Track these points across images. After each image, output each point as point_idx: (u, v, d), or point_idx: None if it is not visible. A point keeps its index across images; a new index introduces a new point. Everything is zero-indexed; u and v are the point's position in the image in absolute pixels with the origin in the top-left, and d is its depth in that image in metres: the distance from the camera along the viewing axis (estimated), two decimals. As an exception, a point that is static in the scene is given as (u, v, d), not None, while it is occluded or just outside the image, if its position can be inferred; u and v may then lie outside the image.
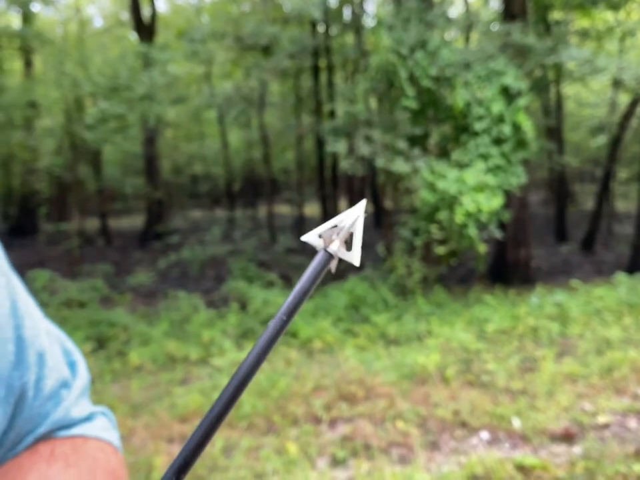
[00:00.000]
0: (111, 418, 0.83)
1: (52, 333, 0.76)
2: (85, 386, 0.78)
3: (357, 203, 0.52)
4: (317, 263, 0.51)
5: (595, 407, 4.56)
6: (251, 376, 0.49)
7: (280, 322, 0.49)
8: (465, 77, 8.11)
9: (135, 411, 4.82)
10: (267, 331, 0.49)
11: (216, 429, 0.48)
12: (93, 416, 0.78)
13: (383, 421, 4.44)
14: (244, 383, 0.49)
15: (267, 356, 0.49)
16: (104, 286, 8.33)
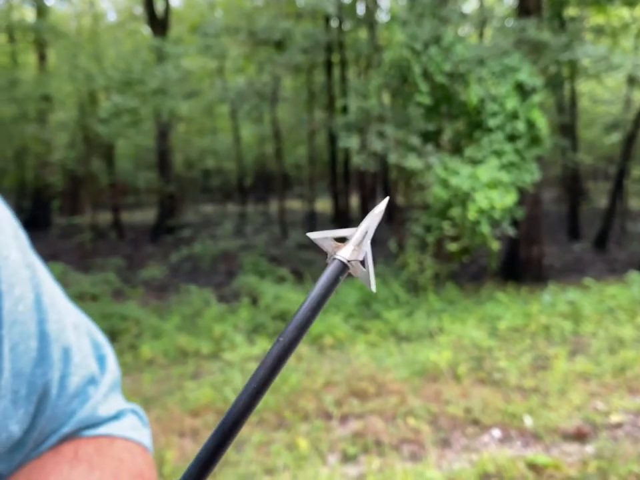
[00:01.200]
0: (142, 416, 0.79)
1: (81, 325, 0.72)
2: (114, 381, 0.75)
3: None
4: (329, 277, 0.44)
5: (607, 406, 4.53)
6: (251, 409, 0.42)
7: (280, 347, 0.42)
8: (479, 73, 8.05)
9: (146, 405, 4.83)
10: (265, 361, 0.42)
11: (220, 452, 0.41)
12: (121, 414, 0.75)
13: (394, 417, 4.43)
14: (241, 417, 0.41)
15: (268, 388, 0.42)
16: (116, 279, 8.37)
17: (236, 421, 0.41)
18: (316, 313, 0.44)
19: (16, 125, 12.77)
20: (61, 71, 12.79)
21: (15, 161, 16.30)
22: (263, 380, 0.42)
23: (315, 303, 0.44)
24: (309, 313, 0.43)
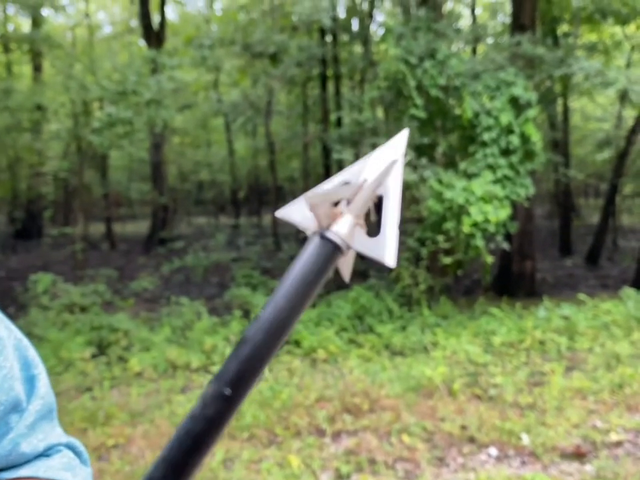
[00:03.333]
0: (81, 452, 0.66)
1: (6, 338, 0.60)
2: (46, 408, 0.62)
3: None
4: (307, 262, 0.33)
5: (606, 424, 4.46)
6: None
7: (217, 398, 0.36)
8: (474, 87, 8.04)
9: (133, 419, 4.74)
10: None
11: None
12: (53, 450, 0.62)
13: (388, 434, 4.34)
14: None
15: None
16: (107, 290, 8.26)
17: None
18: (295, 312, 0.35)
19: (9, 135, 12.68)
20: (55, 81, 12.74)
21: (7, 170, 16.18)
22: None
23: (295, 297, 0.33)
24: (285, 311, 0.34)
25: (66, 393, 5.26)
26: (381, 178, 0.35)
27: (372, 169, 0.35)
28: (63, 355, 6.10)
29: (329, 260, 0.33)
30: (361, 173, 0.35)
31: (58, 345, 6.37)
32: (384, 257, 0.35)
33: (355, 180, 0.34)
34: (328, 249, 0.33)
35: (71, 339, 6.54)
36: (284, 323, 0.33)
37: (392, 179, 0.35)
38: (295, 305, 0.33)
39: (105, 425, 4.55)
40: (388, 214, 0.35)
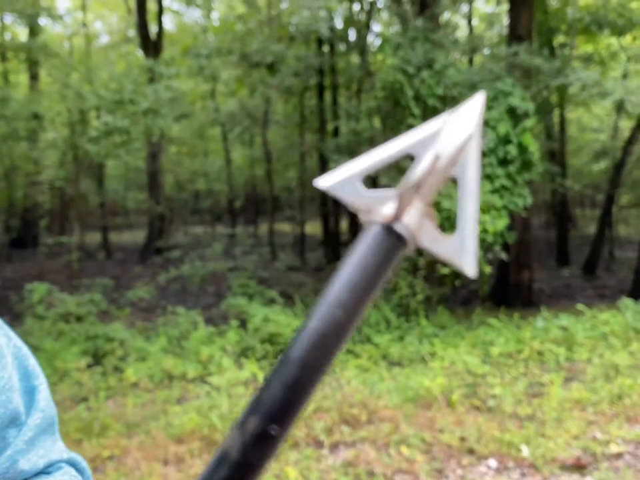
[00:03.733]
0: (83, 468, 0.64)
1: (4, 346, 0.56)
2: (47, 421, 0.58)
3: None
4: (366, 259, 0.27)
5: (606, 435, 4.42)
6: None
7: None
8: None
9: (129, 430, 4.69)
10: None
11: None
12: (54, 466, 0.58)
13: (386, 446, 4.30)
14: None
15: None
16: (102, 300, 8.21)
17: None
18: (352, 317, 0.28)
19: (5, 144, 12.65)
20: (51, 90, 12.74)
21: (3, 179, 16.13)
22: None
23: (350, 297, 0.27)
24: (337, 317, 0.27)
25: (61, 403, 5.21)
26: (456, 155, 0.28)
27: (444, 142, 0.29)
28: (58, 364, 6.06)
29: (394, 258, 0.27)
30: (429, 147, 0.28)
31: (53, 354, 6.33)
32: (462, 263, 0.29)
33: (423, 155, 0.27)
34: (393, 243, 0.27)
35: (66, 349, 6.50)
36: (337, 335, 0.27)
37: (469, 157, 0.28)
38: (351, 311, 0.27)
39: (100, 436, 4.50)
40: (467, 204, 0.28)
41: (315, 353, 0.28)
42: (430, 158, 0.28)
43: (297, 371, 0.28)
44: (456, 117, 0.29)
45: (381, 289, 0.29)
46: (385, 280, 0.29)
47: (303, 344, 0.29)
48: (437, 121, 0.31)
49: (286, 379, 0.28)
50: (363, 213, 0.29)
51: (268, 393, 0.29)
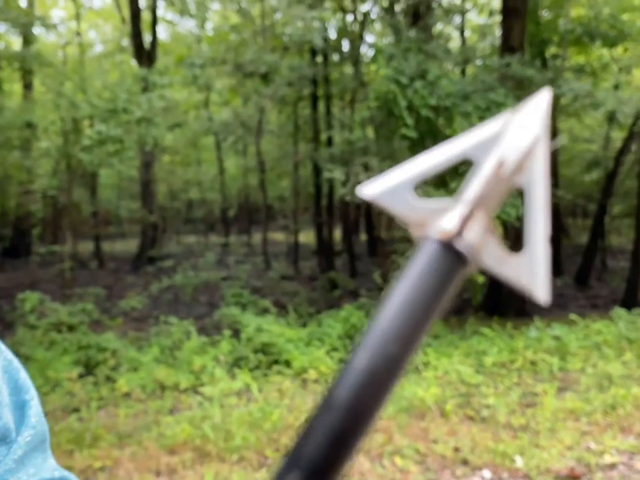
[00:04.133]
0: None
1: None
2: (38, 438, 0.56)
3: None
4: (423, 282, 0.24)
5: (600, 445, 4.41)
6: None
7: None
8: (464, 108, 8.10)
9: (121, 441, 4.65)
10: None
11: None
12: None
13: (380, 456, 4.28)
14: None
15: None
16: (95, 309, 8.18)
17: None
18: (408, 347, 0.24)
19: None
20: (45, 99, 12.72)
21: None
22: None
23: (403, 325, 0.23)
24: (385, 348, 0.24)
25: (52, 413, 5.18)
26: (522, 161, 0.24)
27: (508, 146, 0.25)
28: (50, 374, 6.03)
29: (455, 280, 0.23)
30: (490, 150, 0.25)
31: (45, 364, 6.29)
32: (534, 285, 0.24)
33: (483, 160, 0.24)
34: (453, 263, 0.23)
35: (58, 359, 6.47)
36: (390, 374, 0.23)
37: (537, 163, 0.25)
38: (406, 344, 0.23)
39: (91, 447, 4.46)
40: (536, 218, 0.24)
41: (365, 396, 0.24)
42: (492, 164, 0.25)
43: (343, 419, 0.24)
44: (520, 117, 0.26)
45: (439, 315, 0.25)
46: (444, 306, 0.25)
47: (349, 385, 0.24)
48: (499, 121, 0.27)
49: (330, 427, 0.24)
50: (415, 226, 0.25)
51: (309, 445, 0.24)
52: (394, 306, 0.25)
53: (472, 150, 0.26)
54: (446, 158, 0.27)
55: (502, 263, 0.25)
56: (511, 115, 0.27)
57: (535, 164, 0.25)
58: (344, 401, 0.24)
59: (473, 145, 0.26)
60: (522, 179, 0.26)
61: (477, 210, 0.24)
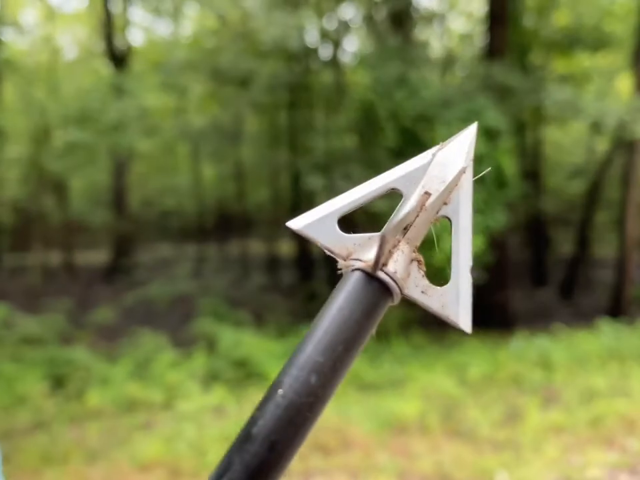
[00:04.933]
0: None
1: None
2: None
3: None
4: (349, 312, 0.25)
5: (583, 459, 4.37)
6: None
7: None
8: (445, 116, 8.06)
9: (91, 458, 4.55)
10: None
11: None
12: None
13: (360, 473, 4.19)
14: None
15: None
16: (64, 322, 8.00)
17: None
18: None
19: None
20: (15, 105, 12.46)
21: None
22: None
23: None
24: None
25: (20, 429, 5.08)
26: (447, 193, 0.25)
27: (434, 178, 0.25)
28: (18, 389, 5.96)
29: (379, 310, 0.25)
30: (417, 183, 0.25)
31: (12, 378, 6.20)
32: (457, 316, 0.25)
33: (410, 192, 0.25)
34: (377, 294, 0.25)
35: (26, 373, 6.41)
36: (312, 407, 0.22)
37: (462, 194, 0.25)
38: (328, 378, 0.23)
39: (61, 464, 4.39)
40: (459, 248, 0.26)
41: (285, 429, 0.22)
42: (418, 195, 0.26)
43: (262, 451, 0.23)
44: (446, 151, 0.27)
45: (363, 347, 0.27)
46: (367, 337, 0.27)
47: (269, 417, 0.23)
48: (426, 153, 0.28)
49: (249, 459, 0.22)
50: (341, 257, 0.26)
51: (228, 476, 0.23)
52: (317, 336, 0.26)
53: (399, 182, 0.28)
54: (374, 190, 0.28)
55: (427, 294, 0.27)
56: (438, 148, 0.28)
57: (460, 195, 0.27)
58: (263, 433, 0.24)
59: (401, 177, 0.28)
60: (448, 209, 0.27)
61: (401, 241, 0.26)
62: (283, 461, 0.24)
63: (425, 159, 0.28)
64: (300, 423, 0.24)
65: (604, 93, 13.53)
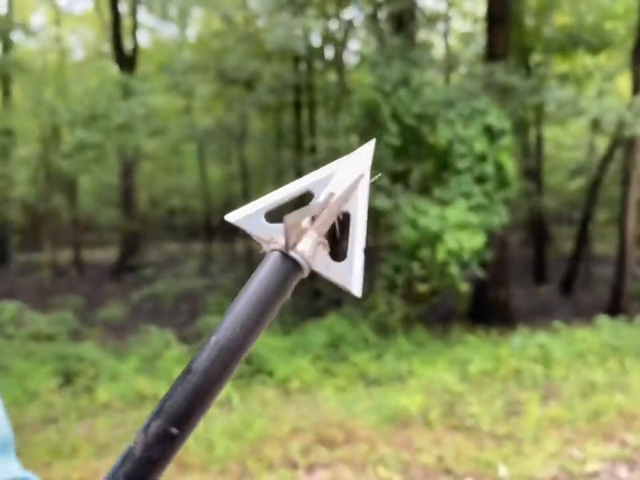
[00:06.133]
0: None
1: None
2: (1, 441, 0.61)
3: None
4: (265, 282, 0.32)
5: (583, 453, 4.44)
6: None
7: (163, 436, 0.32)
8: (448, 115, 8.14)
9: (100, 452, 4.59)
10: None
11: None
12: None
13: (363, 466, 4.27)
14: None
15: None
16: (74, 319, 8.11)
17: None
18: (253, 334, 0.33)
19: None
20: (24, 105, 12.60)
21: (-27, 195, 15.88)
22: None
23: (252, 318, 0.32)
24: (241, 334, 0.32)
25: (30, 424, 5.12)
26: (348, 193, 0.32)
27: (338, 182, 0.33)
28: (28, 385, 5.97)
29: (290, 281, 0.31)
30: (325, 185, 0.32)
31: (23, 374, 6.23)
32: (350, 284, 0.32)
33: (320, 193, 0.32)
34: (289, 268, 0.31)
35: (36, 369, 6.44)
36: (237, 350, 0.31)
37: (360, 194, 0.32)
38: (250, 330, 0.31)
39: (70, 458, 4.42)
40: (356, 235, 0.31)
41: (216, 365, 0.32)
42: (325, 195, 0.32)
43: (198, 380, 0.32)
44: (349, 160, 0.34)
45: (278, 308, 0.33)
46: (282, 301, 0.33)
47: (205, 356, 0.32)
48: (334, 163, 0.35)
49: (188, 387, 0.32)
50: (265, 242, 0.33)
51: (171, 399, 0.33)
52: (243, 299, 0.34)
53: (312, 185, 0.35)
54: (292, 191, 0.35)
55: (329, 268, 0.33)
56: (344, 158, 0.36)
57: (357, 196, 0.33)
58: (200, 367, 0.33)
59: (314, 181, 0.35)
60: (348, 207, 0.33)
61: (310, 229, 0.31)
62: (214, 389, 0.32)
63: (332, 167, 0.34)
64: (228, 360, 0.32)
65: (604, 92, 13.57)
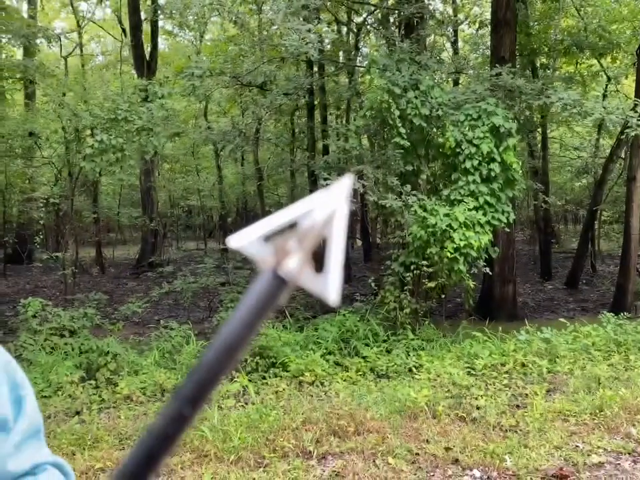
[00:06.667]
0: (67, 472, 0.67)
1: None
2: (33, 428, 0.63)
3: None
4: (258, 295, 0.39)
5: (587, 445, 4.48)
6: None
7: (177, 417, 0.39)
8: (456, 117, 8.29)
9: (121, 442, 4.74)
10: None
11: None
12: (39, 468, 0.63)
13: (374, 456, 4.34)
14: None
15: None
16: (96, 314, 8.27)
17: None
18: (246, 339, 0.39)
19: (1, 161, 12.79)
20: (47, 108, 12.90)
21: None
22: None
23: (245, 326, 0.38)
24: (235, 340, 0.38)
25: (54, 416, 5.24)
26: (328, 221, 0.38)
27: (320, 213, 0.39)
28: (52, 378, 6.05)
29: (279, 295, 0.38)
30: (310, 215, 0.39)
31: (47, 368, 6.34)
32: (327, 295, 0.38)
33: (306, 221, 0.38)
34: (279, 284, 0.37)
35: (60, 363, 6.48)
36: (235, 349, 0.38)
37: (337, 222, 0.38)
38: (248, 329, 0.38)
39: (93, 449, 4.53)
40: (332, 255, 0.38)
41: (221, 358, 0.39)
42: (308, 223, 0.39)
43: (205, 373, 0.40)
44: (328, 194, 0.40)
45: (269, 315, 0.40)
46: (273, 309, 0.40)
47: (213, 352, 0.39)
48: (317, 195, 0.41)
49: (198, 377, 0.40)
50: (262, 263, 0.39)
51: (185, 386, 0.40)
52: (240, 310, 0.40)
53: (300, 215, 0.40)
54: (284, 220, 0.41)
55: (311, 282, 0.39)
56: (326, 190, 0.41)
57: (335, 223, 0.40)
58: (208, 363, 0.40)
59: (300, 212, 0.41)
60: (327, 232, 0.40)
61: (297, 250, 0.38)
62: (216, 380, 0.39)
63: (317, 199, 0.39)
64: (231, 355, 0.39)
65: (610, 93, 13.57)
